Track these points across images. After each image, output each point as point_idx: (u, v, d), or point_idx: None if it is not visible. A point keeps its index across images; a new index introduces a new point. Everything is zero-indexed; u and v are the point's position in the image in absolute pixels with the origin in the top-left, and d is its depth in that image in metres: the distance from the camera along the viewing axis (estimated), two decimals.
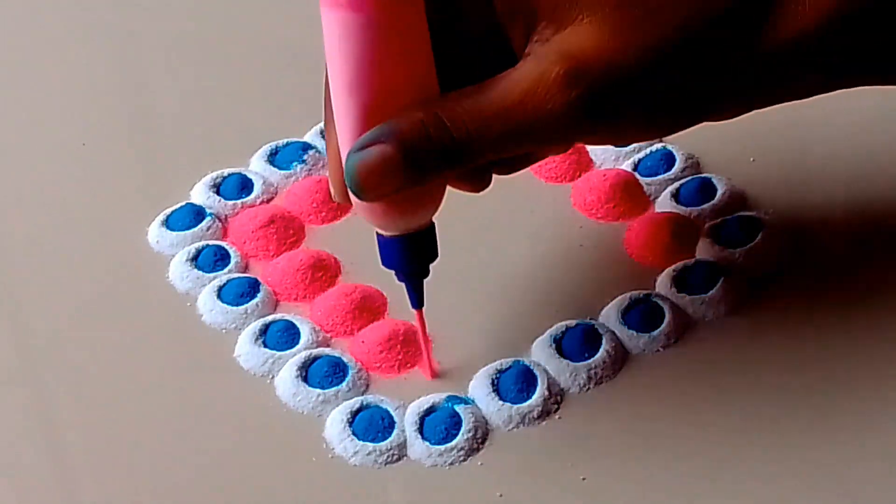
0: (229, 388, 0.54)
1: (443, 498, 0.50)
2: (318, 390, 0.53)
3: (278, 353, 0.55)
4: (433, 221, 0.51)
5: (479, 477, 0.51)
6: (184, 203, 0.62)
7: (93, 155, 0.66)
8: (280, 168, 0.64)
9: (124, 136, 0.68)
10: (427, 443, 0.51)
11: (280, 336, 0.55)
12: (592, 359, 0.54)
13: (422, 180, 0.48)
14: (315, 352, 0.54)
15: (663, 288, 0.57)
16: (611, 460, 0.51)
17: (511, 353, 0.54)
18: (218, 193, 0.62)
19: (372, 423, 0.52)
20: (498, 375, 0.53)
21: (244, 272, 0.59)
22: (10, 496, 0.52)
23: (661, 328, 0.55)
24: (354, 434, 0.52)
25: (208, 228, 0.61)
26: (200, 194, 0.62)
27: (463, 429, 0.51)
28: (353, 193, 0.48)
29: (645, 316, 0.55)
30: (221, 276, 0.58)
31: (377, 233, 0.51)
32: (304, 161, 0.64)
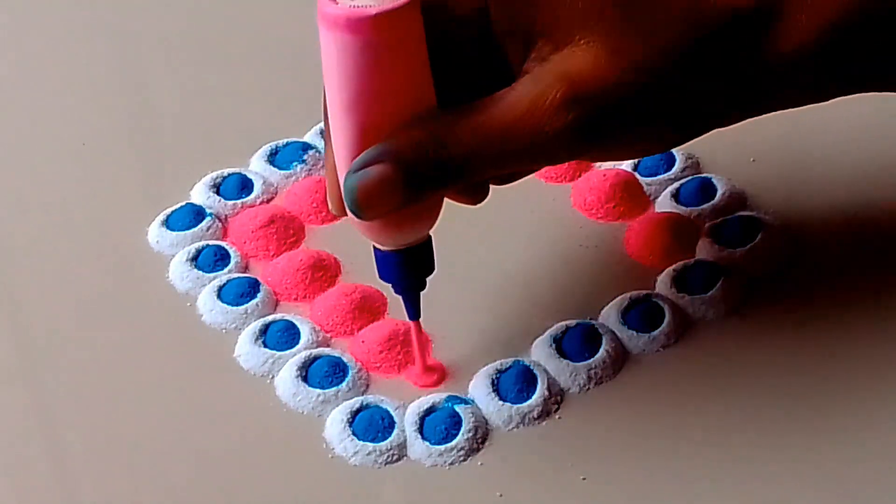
0: (229, 388, 0.54)
1: (443, 498, 0.50)
2: (318, 390, 0.53)
3: (278, 353, 0.55)
4: (430, 235, 0.51)
5: (479, 477, 0.51)
6: (184, 203, 0.62)
7: (93, 155, 0.66)
8: (280, 168, 0.64)
9: (124, 136, 0.68)
10: (427, 443, 0.51)
11: (280, 336, 0.55)
12: (592, 359, 0.54)
13: (420, 198, 0.48)
14: (315, 352, 0.54)
15: (663, 288, 0.57)
16: (611, 460, 0.51)
17: (511, 353, 0.54)
18: (218, 193, 0.62)
19: (372, 423, 0.52)
20: (498, 375, 0.53)
21: (244, 272, 0.59)
22: (10, 496, 0.52)
23: (661, 328, 0.55)
24: (354, 434, 0.52)
25: (208, 228, 0.61)
26: (200, 194, 0.62)
27: (463, 429, 0.51)
28: (352, 213, 0.48)
29: (645, 316, 0.55)
30: (221, 276, 0.58)
31: (374, 246, 0.51)
32: (304, 161, 0.64)
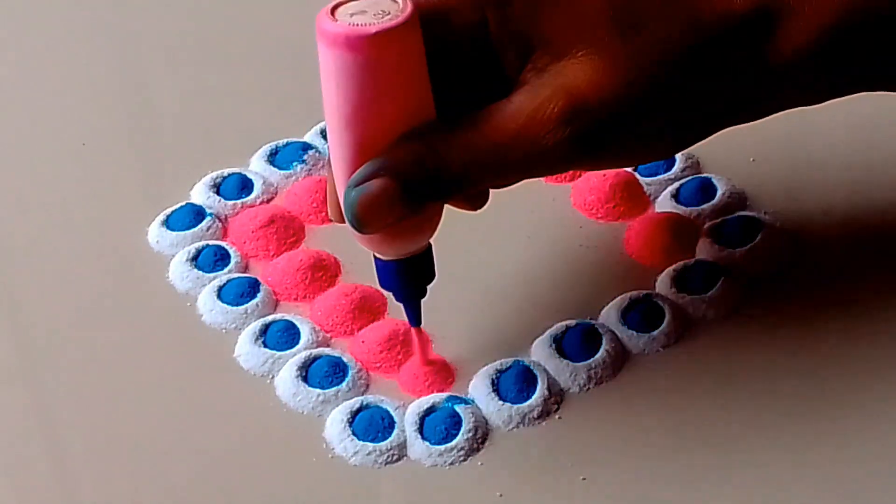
0: (229, 388, 0.54)
1: (443, 498, 0.50)
2: (318, 390, 0.53)
3: (278, 353, 0.55)
4: (430, 244, 0.51)
5: (479, 477, 0.51)
6: (184, 203, 0.62)
7: (93, 155, 0.66)
8: (280, 168, 0.64)
9: (124, 136, 0.68)
10: (427, 443, 0.51)
11: (280, 336, 0.55)
12: (592, 359, 0.54)
13: (419, 210, 0.48)
14: (315, 352, 0.54)
15: (663, 288, 0.57)
16: (611, 460, 0.51)
17: (511, 353, 0.54)
18: (218, 193, 0.62)
19: (372, 423, 0.52)
20: (498, 375, 0.53)
21: (244, 272, 0.59)
22: (10, 496, 0.52)
23: (661, 328, 0.55)
24: (354, 434, 0.52)
25: (208, 228, 0.61)
26: (200, 194, 0.62)
27: (463, 429, 0.51)
28: (353, 227, 0.48)
29: (645, 316, 0.55)
30: (221, 276, 0.58)
31: (375, 256, 0.51)
32: (304, 161, 0.64)
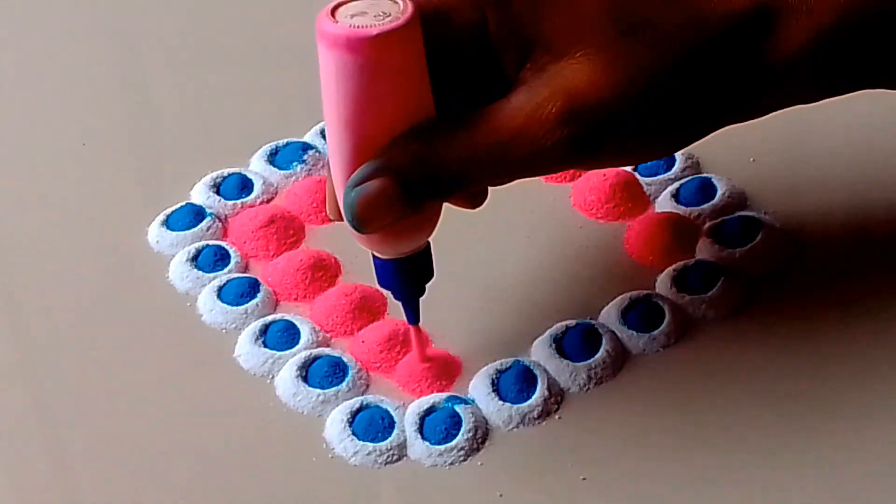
0: (229, 388, 0.54)
1: (443, 498, 0.50)
2: (318, 390, 0.53)
3: (278, 353, 0.55)
4: (429, 242, 0.51)
5: (479, 477, 0.51)
6: (184, 203, 0.62)
7: (93, 155, 0.66)
8: (280, 168, 0.64)
9: (124, 136, 0.68)
10: (427, 443, 0.51)
11: (280, 336, 0.55)
12: (592, 359, 0.54)
13: (418, 209, 0.48)
14: (315, 352, 0.54)
15: (663, 288, 0.57)
16: (611, 460, 0.51)
17: (511, 353, 0.54)
18: (218, 193, 0.62)
19: (372, 423, 0.52)
20: (498, 375, 0.53)
21: (244, 272, 0.59)
22: (11, 496, 0.52)
23: (661, 328, 0.55)
24: (354, 434, 0.52)
25: (208, 228, 0.61)
26: (200, 194, 0.62)
27: (463, 429, 0.51)
28: (353, 227, 0.48)
29: (645, 316, 0.55)
30: (221, 276, 0.58)
31: (373, 254, 0.51)
32: (304, 161, 0.64)
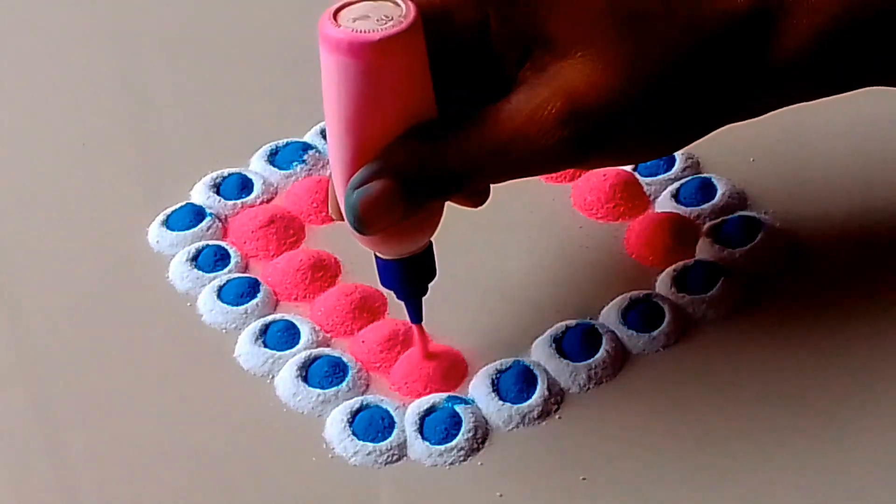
0: (229, 388, 0.54)
1: (443, 498, 0.50)
2: (318, 390, 0.53)
3: (278, 353, 0.55)
4: (431, 242, 0.51)
5: (479, 477, 0.51)
6: (184, 203, 0.62)
7: (93, 155, 0.66)
8: (280, 168, 0.64)
9: (124, 136, 0.68)
10: (427, 443, 0.51)
11: (280, 336, 0.55)
12: (592, 359, 0.54)
13: (420, 210, 0.48)
14: (315, 352, 0.54)
15: (663, 288, 0.57)
16: (611, 460, 0.51)
17: (511, 353, 0.54)
18: (218, 193, 0.62)
19: (372, 423, 0.52)
20: (498, 375, 0.53)
21: (244, 272, 0.59)
22: (11, 496, 0.52)
23: (661, 328, 0.55)
24: (354, 434, 0.52)
25: (208, 228, 0.61)
26: (200, 194, 0.62)
27: (463, 429, 0.51)
28: (355, 229, 0.48)
29: (645, 316, 0.55)
30: (221, 276, 0.58)
31: (375, 255, 0.51)
32: (304, 161, 0.64)
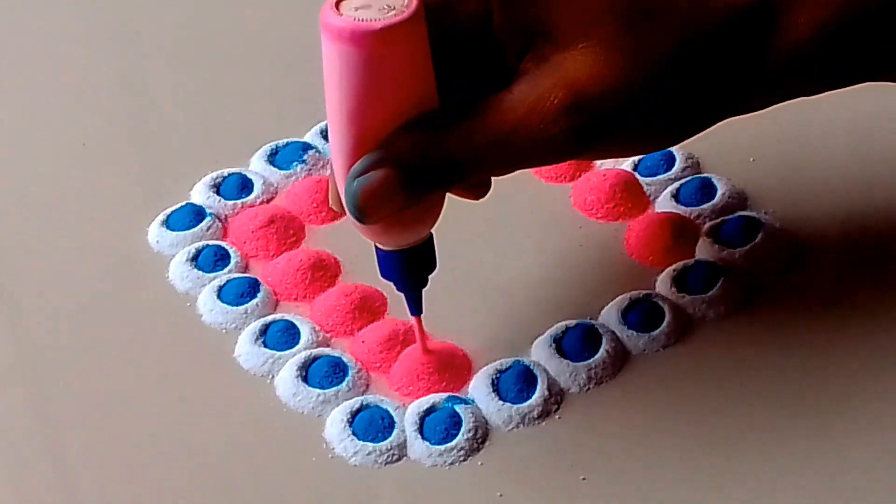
0: (229, 388, 0.54)
1: (443, 498, 0.50)
2: (318, 390, 0.53)
3: (278, 353, 0.55)
4: (432, 234, 0.51)
5: (479, 477, 0.51)
6: (184, 203, 0.62)
7: (93, 155, 0.66)
8: (280, 168, 0.64)
9: (124, 136, 0.68)
10: (427, 443, 0.51)
11: (280, 336, 0.55)
12: (592, 359, 0.54)
13: (420, 200, 0.48)
14: (315, 352, 0.54)
15: (663, 288, 0.57)
16: (611, 460, 0.51)
17: (511, 353, 0.54)
18: (218, 193, 0.62)
19: (372, 423, 0.52)
20: (498, 375, 0.53)
21: (244, 272, 0.59)
22: (11, 496, 0.52)
23: (661, 328, 0.55)
24: (354, 434, 0.52)
25: (208, 228, 0.61)
26: (200, 194, 0.62)
27: (463, 429, 0.51)
28: (355, 218, 0.48)
29: (645, 316, 0.55)
30: (221, 276, 0.58)
31: (376, 246, 0.51)
32: (304, 161, 0.64)
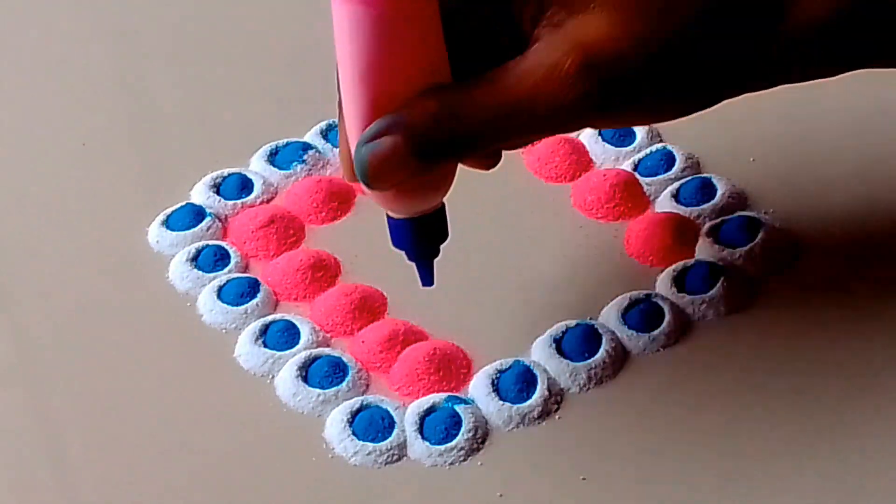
0: (229, 388, 0.54)
1: (443, 498, 0.50)
2: (318, 390, 0.53)
3: (278, 353, 0.55)
4: (443, 203, 0.50)
5: (479, 477, 0.51)
6: (184, 203, 0.62)
7: (93, 155, 0.66)
8: (280, 168, 0.64)
9: (124, 136, 0.68)
10: (427, 443, 0.51)
11: (280, 336, 0.55)
12: (592, 359, 0.54)
13: (431, 169, 0.48)
14: (315, 352, 0.54)
15: (663, 288, 0.57)
16: (611, 460, 0.51)
17: (511, 353, 0.54)
18: (218, 193, 0.62)
19: (372, 423, 0.52)
20: (498, 375, 0.53)
21: (244, 272, 0.59)
22: (10, 496, 0.52)
23: (661, 328, 0.55)
24: (354, 434, 0.52)
25: (208, 228, 0.61)
26: (200, 194, 0.62)
27: (463, 429, 0.51)
28: (363, 183, 0.48)
29: (645, 316, 0.55)
30: (221, 276, 0.58)
31: (387, 214, 0.50)
32: (304, 161, 0.64)
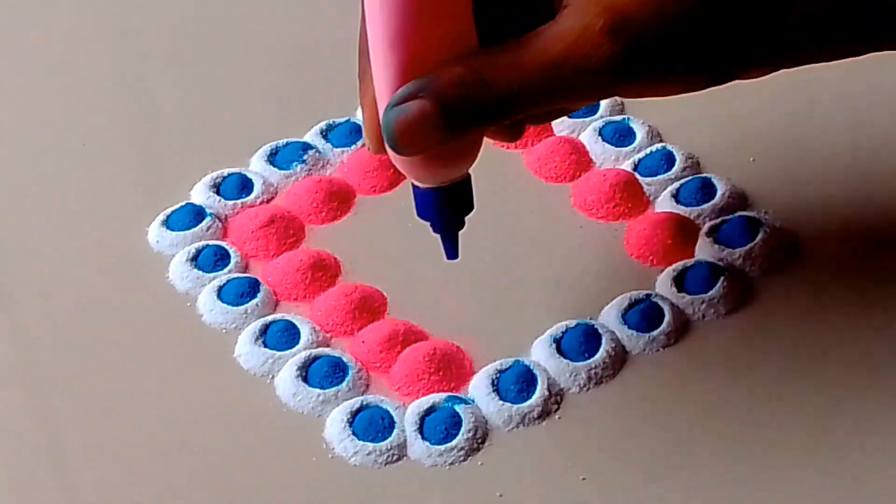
0: (229, 388, 0.54)
1: (443, 498, 0.50)
2: (318, 390, 0.53)
3: (278, 353, 0.55)
4: (469, 173, 0.50)
5: (479, 477, 0.51)
6: (184, 203, 0.62)
7: (93, 155, 0.66)
8: (280, 168, 0.64)
9: (124, 136, 0.68)
10: (427, 443, 0.51)
11: (280, 336, 0.55)
12: (592, 359, 0.54)
13: (460, 136, 0.47)
14: (315, 352, 0.54)
15: (663, 288, 0.57)
16: (611, 460, 0.51)
17: (511, 353, 0.54)
18: (218, 193, 0.62)
19: (372, 423, 0.52)
20: (498, 375, 0.53)
21: (244, 272, 0.59)
22: (10, 496, 0.52)
23: (661, 328, 0.55)
24: (354, 434, 0.52)
25: (208, 228, 0.61)
26: (200, 194, 0.62)
27: (463, 429, 0.51)
28: (391, 148, 0.47)
29: (645, 316, 0.55)
30: (221, 276, 0.58)
31: (413, 184, 0.50)
32: (304, 161, 0.64)
